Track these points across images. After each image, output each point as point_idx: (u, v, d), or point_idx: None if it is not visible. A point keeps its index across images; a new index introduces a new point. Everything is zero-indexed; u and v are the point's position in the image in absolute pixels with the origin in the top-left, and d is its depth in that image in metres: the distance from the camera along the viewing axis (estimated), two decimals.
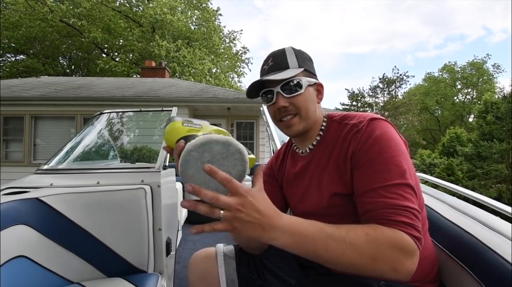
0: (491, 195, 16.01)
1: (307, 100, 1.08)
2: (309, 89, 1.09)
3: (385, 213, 0.84)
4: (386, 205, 0.85)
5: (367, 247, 0.77)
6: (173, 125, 0.91)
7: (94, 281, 1.66)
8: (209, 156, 0.81)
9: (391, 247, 0.78)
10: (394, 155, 0.91)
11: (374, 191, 0.88)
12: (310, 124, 1.11)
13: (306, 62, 1.12)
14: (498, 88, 37.16)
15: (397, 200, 0.85)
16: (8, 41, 23.17)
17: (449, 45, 75.44)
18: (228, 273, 1.18)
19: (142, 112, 3.15)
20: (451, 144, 23.96)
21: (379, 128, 0.97)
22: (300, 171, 1.18)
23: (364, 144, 0.95)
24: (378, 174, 0.90)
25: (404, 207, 0.84)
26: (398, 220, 0.82)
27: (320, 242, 0.78)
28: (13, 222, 1.42)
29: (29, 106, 9.84)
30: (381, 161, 0.91)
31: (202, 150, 0.79)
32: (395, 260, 0.78)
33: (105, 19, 23.70)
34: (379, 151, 0.92)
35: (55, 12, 22.09)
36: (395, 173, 0.88)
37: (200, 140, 0.78)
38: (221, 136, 0.79)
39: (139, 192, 1.75)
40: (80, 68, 28.24)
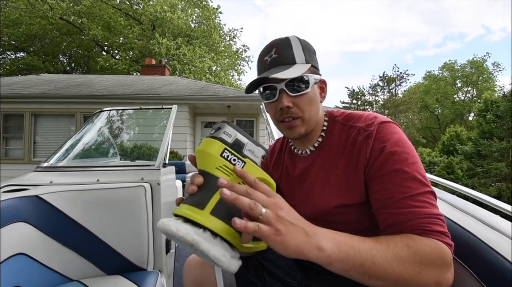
0: (491, 194, 16.02)
1: (312, 101, 0.99)
2: (314, 88, 1.00)
3: (419, 224, 0.79)
4: (418, 215, 0.80)
5: (412, 260, 0.72)
6: (209, 148, 0.74)
7: (94, 278, 1.66)
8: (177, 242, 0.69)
9: (434, 259, 0.74)
10: (414, 162, 0.87)
11: (401, 202, 0.83)
12: (312, 126, 1.02)
13: (312, 56, 1.02)
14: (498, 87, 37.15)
15: (426, 208, 0.81)
16: (8, 38, 23.13)
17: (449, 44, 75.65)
18: (226, 277, 1.12)
19: (142, 110, 3.15)
20: (451, 143, 23.96)
21: (391, 133, 0.92)
22: (300, 174, 1.11)
23: (381, 152, 0.89)
24: (403, 184, 0.84)
25: (435, 215, 0.81)
26: (434, 230, 0.78)
27: (366, 254, 0.70)
28: (13, 219, 1.42)
29: (29, 103, 9.82)
30: (403, 170, 0.85)
31: (169, 237, 0.68)
32: (439, 273, 0.74)
33: (105, 17, 23.67)
34: (400, 159, 0.87)
35: (55, 10, 22.07)
36: (418, 182, 0.84)
37: (162, 229, 0.67)
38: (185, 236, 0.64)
39: (138, 190, 1.75)
40: (80, 66, 28.21)
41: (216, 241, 0.66)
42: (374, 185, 0.90)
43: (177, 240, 0.66)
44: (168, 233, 0.65)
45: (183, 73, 21.77)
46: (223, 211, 0.69)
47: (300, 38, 1.03)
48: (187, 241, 0.63)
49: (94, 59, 25.71)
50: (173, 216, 0.71)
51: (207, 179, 0.72)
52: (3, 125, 9.92)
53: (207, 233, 0.65)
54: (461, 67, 41.19)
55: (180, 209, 0.69)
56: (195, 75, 21.83)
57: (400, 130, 0.94)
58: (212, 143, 0.74)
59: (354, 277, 0.70)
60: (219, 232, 0.66)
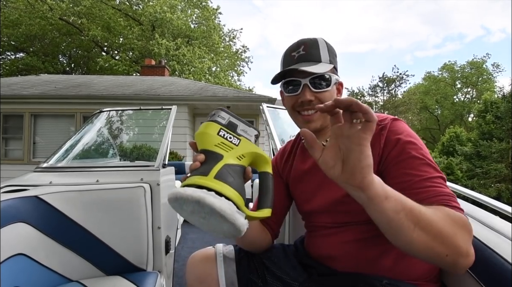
0: (491, 195, 16.03)
1: (331, 98, 1.03)
2: (335, 87, 1.10)
3: (441, 200, 0.82)
4: (438, 193, 0.84)
5: (449, 220, 0.75)
6: (207, 129, 0.84)
7: (93, 279, 1.66)
8: (189, 209, 0.73)
9: (465, 226, 0.77)
10: (426, 152, 0.93)
11: (420, 183, 0.87)
12: (326, 122, 1.10)
13: (334, 58, 1.12)
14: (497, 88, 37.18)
15: (444, 188, 0.86)
16: (8, 39, 23.13)
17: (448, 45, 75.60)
18: (228, 275, 1.15)
19: (142, 111, 3.16)
20: (450, 143, 23.95)
21: (404, 127, 0.99)
22: (310, 168, 1.16)
23: (397, 142, 0.95)
24: (420, 169, 0.89)
25: (452, 195, 0.85)
26: (455, 206, 0.81)
27: (414, 204, 0.72)
28: (13, 220, 1.42)
29: (28, 104, 9.82)
30: (419, 157, 0.91)
31: (179, 204, 0.73)
32: (469, 242, 0.75)
33: (105, 17, 23.67)
34: (415, 148, 0.93)
35: (55, 10, 22.06)
36: (433, 168, 0.90)
37: (172, 195, 0.72)
38: (193, 194, 0.69)
39: (138, 190, 1.75)
40: (80, 66, 28.19)
41: (222, 198, 0.71)
42: (392, 171, 0.94)
43: (184, 201, 0.70)
44: (177, 197, 0.71)
45: (182, 73, 21.77)
46: (226, 176, 0.76)
47: (326, 41, 1.12)
48: (194, 198, 0.68)
49: (94, 59, 25.69)
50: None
51: (208, 155, 0.79)
52: (3, 126, 9.92)
53: (212, 192, 0.70)
54: (460, 68, 41.21)
55: (186, 181, 0.75)
56: (194, 75, 21.82)
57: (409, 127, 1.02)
58: (209, 125, 0.84)
59: (401, 223, 0.70)
60: (223, 192, 0.72)
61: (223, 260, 1.18)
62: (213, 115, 0.87)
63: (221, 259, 1.18)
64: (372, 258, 0.98)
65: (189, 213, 0.75)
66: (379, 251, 0.97)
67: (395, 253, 0.96)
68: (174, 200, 0.72)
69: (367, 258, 0.99)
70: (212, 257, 1.19)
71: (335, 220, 1.09)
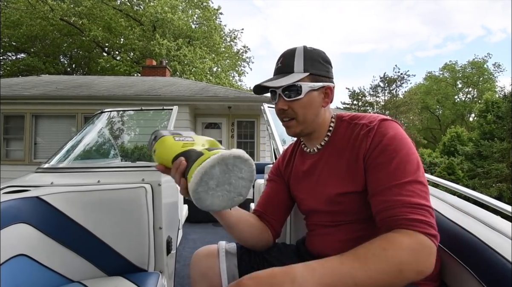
0: (492, 194, 16.01)
1: (306, 106, 1.10)
2: (311, 95, 1.10)
3: (402, 212, 0.85)
4: (402, 203, 0.87)
5: (391, 264, 0.77)
6: (165, 141, 0.94)
7: (95, 279, 1.66)
8: (214, 182, 0.85)
9: (412, 254, 0.79)
10: (409, 154, 0.94)
11: (389, 190, 0.90)
12: (309, 127, 1.14)
13: (315, 64, 1.11)
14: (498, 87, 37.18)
15: (412, 197, 0.87)
16: (9, 39, 23.18)
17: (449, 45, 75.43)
18: (229, 269, 1.19)
19: (143, 111, 3.16)
20: (451, 143, 23.96)
21: (391, 129, 0.99)
22: (308, 169, 1.20)
23: (379, 144, 0.97)
24: (393, 173, 0.91)
25: (420, 205, 0.86)
26: (414, 219, 0.83)
27: (346, 279, 0.76)
28: (14, 220, 1.42)
29: (29, 104, 9.83)
30: (396, 160, 0.93)
31: (205, 181, 0.83)
32: (419, 263, 0.79)
33: (106, 18, 23.70)
34: (394, 150, 0.94)
35: (56, 11, 22.07)
36: (409, 172, 0.91)
37: (198, 175, 0.82)
38: (214, 158, 0.83)
39: (139, 191, 1.75)
40: (81, 67, 28.23)
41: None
42: (370, 175, 0.98)
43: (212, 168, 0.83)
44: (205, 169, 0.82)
45: (183, 74, 21.77)
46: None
47: (308, 49, 1.14)
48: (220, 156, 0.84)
49: (95, 60, 25.70)
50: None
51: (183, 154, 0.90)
52: (4, 126, 9.93)
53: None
54: (461, 68, 41.20)
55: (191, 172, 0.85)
56: (195, 76, 21.82)
57: (400, 128, 1.02)
58: (163, 140, 0.95)
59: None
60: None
61: (225, 255, 1.22)
62: (157, 134, 0.97)
63: (223, 254, 1.22)
64: None
65: (214, 188, 0.86)
66: None
67: None
68: (201, 179, 0.82)
69: None
70: (215, 252, 1.23)
71: (331, 219, 1.13)
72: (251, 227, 1.21)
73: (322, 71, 1.12)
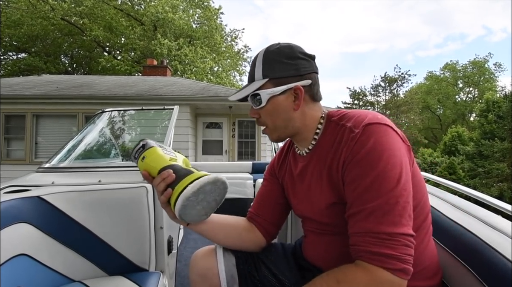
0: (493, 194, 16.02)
1: (272, 113, 1.05)
2: (274, 100, 1.03)
3: (363, 242, 0.81)
4: (366, 231, 0.82)
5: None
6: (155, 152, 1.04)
7: (96, 279, 1.66)
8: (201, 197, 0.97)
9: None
10: (386, 170, 0.84)
11: (360, 214, 0.84)
12: (285, 132, 1.09)
13: (276, 67, 1.03)
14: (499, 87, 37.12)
15: (380, 225, 0.80)
16: (10, 39, 23.19)
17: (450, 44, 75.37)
18: (228, 269, 1.18)
19: (144, 111, 3.16)
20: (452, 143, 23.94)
21: (373, 137, 0.88)
22: (300, 172, 1.15)
23: (356, 155, 0.89)
24: (364, 194, 0.84)
25: (389, 235, 0.79)
26: (375, 252, 0.78)
27: None
28: (15, 220, 1.42)
29: (30, 104, 9.85)
30: (369, 179, 0.84)
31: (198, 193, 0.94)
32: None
33: (107, 18, 23.70)
34: (370, 165, 0.86)
35: (57, 10, 22.07)
36: (385, 190, 0.82)
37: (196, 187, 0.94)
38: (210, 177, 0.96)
39: (140, 191, 1.75)
40: (82, 67, 28.24)
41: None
42: (346, 189, 0.92)
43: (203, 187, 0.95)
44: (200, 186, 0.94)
45: (184, 73, 21.77)
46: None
47: (270, 50, 1.06)
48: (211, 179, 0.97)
49: (96, 59, 25.71)
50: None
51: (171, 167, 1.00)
52: (5, 126, 9.95)
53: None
54: (462, 68, 41.15)
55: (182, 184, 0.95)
56: (196, 75, 21.81)
57: (388, 132, 0.91)
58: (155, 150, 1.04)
59: None
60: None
61: (223, 255, 1.21)
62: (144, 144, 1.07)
63: (221, 254, 1.21)
64: None
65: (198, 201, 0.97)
66: None
67: None
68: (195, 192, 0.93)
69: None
70: (213, 253, 1.22)
71: (321, 228, 1.11)
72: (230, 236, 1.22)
73: (285, 71, 1.02)
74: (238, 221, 1.25)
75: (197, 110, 11.11)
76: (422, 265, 0.96)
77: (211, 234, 1.18)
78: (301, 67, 1.03)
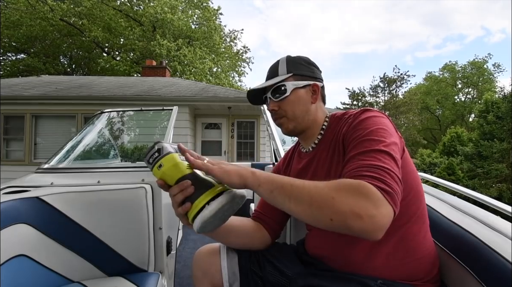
0: (492, 195, 16.00)
1: (294, 103, 1.18)
2: (297, 92, 1.18)
3: (356, 171, 0.85)
4: (361, 165, 0.86)
5: (326, 187, 0.80)
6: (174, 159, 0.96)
7: (95, 280, 1.66)
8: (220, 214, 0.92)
9: (351, 191, 0.77)
10: (380, 130, 0.95)
11: (354, 157, 0.91)
12: (301, 124, 1.21)
13: (298, 66, 1.21)
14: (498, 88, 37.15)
15: (372, 161, 0.86)
16: (9, 40, 23.15)
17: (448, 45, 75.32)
18: (230, 266, 1.22)
19: (143, 111, 3.16)
20: (451, 144, 23.91)
21: (369, 113, 1.03)
22: (303, 167, 1.24)
23: (352, 124, 1.02)
24: (361, 144, 0.93)
25: (376, 166, 0.84)
26: (365, 175, 0.82)
27: (287, 180, 0.87)
28: (14, 221, 1.42)
29: (29, 105, 9.83)
30: (364, 134, 0.95)
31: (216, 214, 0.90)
32: (356, 204, 0.75)
33: (106, 18, 23.69)
34: (365, 127, 0.98)
35: (56, 11, 22.04)
36: (377, 142, 0.91)
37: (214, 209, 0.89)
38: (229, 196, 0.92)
39: (139, 191, 1.76)
40: (81, 67, 28.21)
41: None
42: (347, 149, 1.01)
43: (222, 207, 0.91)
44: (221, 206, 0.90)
45: (183, 74, 21.78)
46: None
47: (292, 56, 1.25)
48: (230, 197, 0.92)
49: (95, 60, 25.70)
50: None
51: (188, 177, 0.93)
52: (4, 127, 9.93)
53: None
54: (461, 68, 41.19)
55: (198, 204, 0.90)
56: (195, 76, 21.83)
57: (381, 115, 1.05)
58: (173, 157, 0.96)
59: (276, 199, 0.86)
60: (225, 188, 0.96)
61: (226, 252, 1.26)
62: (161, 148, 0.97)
63: (224, 252, 1.26)
64: (362, 258, 1.01)
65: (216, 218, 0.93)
66: (367, 251, 1.00)
67: (384, 253, 0.99)
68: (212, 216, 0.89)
69: (357, 258, 1.02)
70: (216, 250, 1.27)
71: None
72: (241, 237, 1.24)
73: (306, 71, 1.22)
74: (245, 221, 1.28)
75: (196, 111, 11.10)
76: (420, 254, 1.00)
77: (223, 236, 1.19)
78: (316, 71, 1.25)
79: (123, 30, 23.95)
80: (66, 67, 27.48)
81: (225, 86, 22.19)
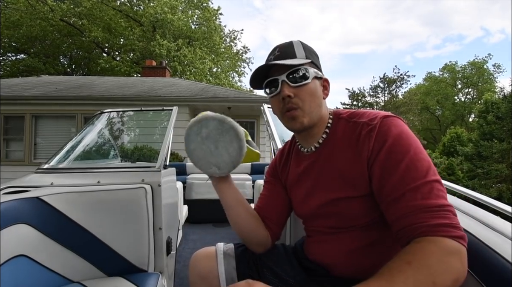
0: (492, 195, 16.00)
1: (313, 93, 1.03)
2: (315, 82, 1.05)
3: (420, 219, 0.79)
4: (419, 208, 0.80)
5: (420, 277, 0.69)
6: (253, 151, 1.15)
7: (95, 280, 1.66)
8: (206, 131, 0.96)
9: (441, 263, 0.71)
10: (417, 153, 0.87)
11: (403, 196, 0.83)
12: (314, 119, 1.05)
13: (313, 55, 1.09)
14: (498, 88, 37.16)
15: (429, 200, 0.80)
16: (9, 40, 23.14)
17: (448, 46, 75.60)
18: (228, 272, 1.18)
19: (143, 111, 3.16)
20: (451, 144, 23.94)
21: (394, 127, 0.92)
22: (304, 170, 1.14)
23: (383, 145, 0.90)
24: (405, 177, 0.85)
25: (439, 207, 0.79)
26: (436, 224, 0.77)
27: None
28: (14, 221, 1.42)
29: (29, 105, 9.82)
30: (405, 162, 0.86)
31: (200, 125, 0.95)
32: (452, 271, 0.71)
33: (106, 19, 23.68)
34: (401, 151, 0.88)
35: (56, 11, 22.03)
36: (421, 172, 0.84)
37: (198, 117, 0.96)
38: (217, 114, 0.96)
39: (139, 192, 1.75)
40: (81, 67, 28.20)
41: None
42: (377, 180, 0.91)
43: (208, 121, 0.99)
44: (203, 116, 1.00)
45: (183, 74, 21.77)
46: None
47: (303, 43, 1.11)
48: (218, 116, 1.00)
49: (95, 60, 25.70)
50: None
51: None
52: (4, 127, 9.92)
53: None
54: (461, 69, 41.20)
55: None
56: (195, 76, 21.82)
57: (403, 124, 0.95)
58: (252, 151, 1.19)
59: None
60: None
61: (224, 257, 1.21)
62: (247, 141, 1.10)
63: (222, 256, 1.21)
64: (369, 266, 0.94)
65: (203, 137, 1.00)
66: (375, 260, 0.96)
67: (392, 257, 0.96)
68: (199, 121, 0.95)
69: (364, 266, 0.99)
70: (213, 254, 1.22)
71: (329, 225, 1.08)
72: (249, 215, 1.20)
73: (319, 64, 1.11)
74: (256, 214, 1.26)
75: (196, 111, 11.06)
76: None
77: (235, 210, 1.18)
78: (321, 67, 1.13)
79: (123, 30, 23.95)
80: (66, 67, 27.46)
81: (225, 86, 22.20)
